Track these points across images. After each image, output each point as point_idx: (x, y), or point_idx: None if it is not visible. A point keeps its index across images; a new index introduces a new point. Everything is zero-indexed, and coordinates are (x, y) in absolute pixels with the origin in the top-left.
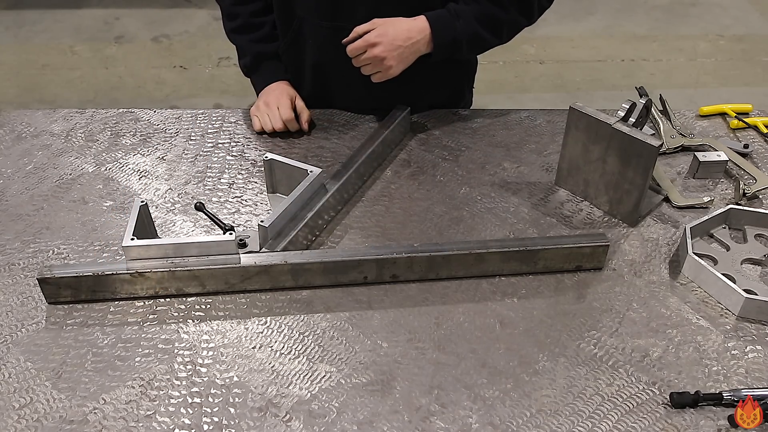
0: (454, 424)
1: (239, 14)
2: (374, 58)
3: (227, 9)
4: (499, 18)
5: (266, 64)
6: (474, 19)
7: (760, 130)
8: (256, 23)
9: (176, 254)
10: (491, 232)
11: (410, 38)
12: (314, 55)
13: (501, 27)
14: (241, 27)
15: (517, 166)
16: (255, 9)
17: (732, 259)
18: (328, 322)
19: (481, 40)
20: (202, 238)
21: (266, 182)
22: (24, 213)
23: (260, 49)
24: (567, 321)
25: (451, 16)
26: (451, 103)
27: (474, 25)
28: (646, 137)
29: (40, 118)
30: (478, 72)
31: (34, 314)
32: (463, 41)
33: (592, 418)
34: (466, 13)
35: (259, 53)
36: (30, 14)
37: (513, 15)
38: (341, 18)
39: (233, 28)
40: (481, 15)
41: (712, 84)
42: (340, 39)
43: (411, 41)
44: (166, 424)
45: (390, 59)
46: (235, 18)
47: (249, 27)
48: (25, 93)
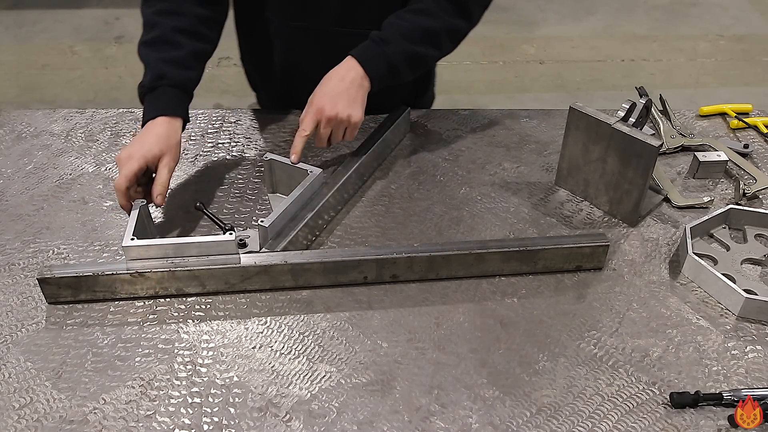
0: (454, 424)
1: (157, 25)
2: (329, 121)
3: (148, 18)
4: (432, 28)
5: (165, 91)
6: (404, 39)
7: (760, 130)
8: (174, 41)
9: (176, 254)
10: (491, 232)
11: (344, 79)
12: (282, 57)
13: (437, 37)
14: (154, 41)
15: (517, 166)
16: (180, 25)
17: (732, 259)
18: (328, 322)
19: (421, 57)
20: (202, 238)
21: (266, 182)
22: (24, 213)
23: (166, 71)
24: (567, 321)
25: (377, 45)
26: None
27: (405, 45)
28: (646, 137)
29: (40, 118)
30: (478, 72)
31: (34, 314)
32: (399, 66)
33: (592, 418)
34: (393, 36)
35: (163, 74)
36: (30, 14)
37: (447, 21)
38: (309, 17)
39: (145, 40)
40: (410, 32)
41: (712, 84)
42: (309, 38)
43: (347, 81)
44: (166, 424)
45: (342, 111)
46: (151, 28)
47: (164, 42)
48: (25, 93)
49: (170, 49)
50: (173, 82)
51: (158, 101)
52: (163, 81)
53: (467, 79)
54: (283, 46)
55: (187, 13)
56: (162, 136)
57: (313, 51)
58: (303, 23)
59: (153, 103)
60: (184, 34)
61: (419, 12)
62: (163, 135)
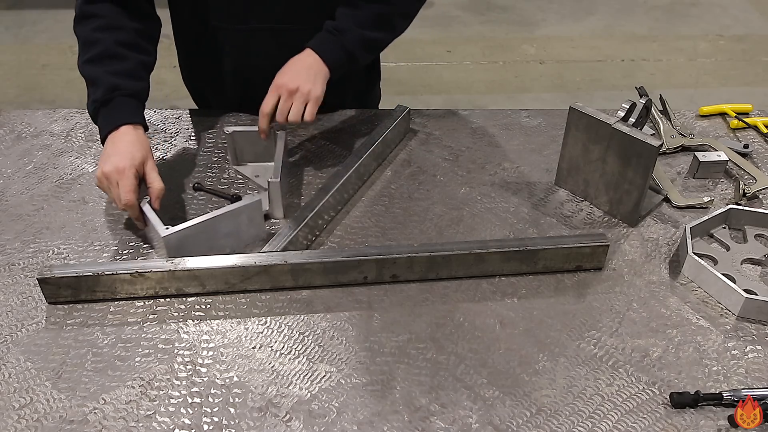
0: (454, 424)
1: (98, 41)
2: (290, 94)
3: (86, 36)
4: (386, 13)
5: (121, 101)
6: (358, 28)
7: (760, 130)
8: (119, 54)
9: (210, 229)
10: (491, 232)
11: (305, 62)
12: (234, 63)
13: (391, 21)
14: (99, 56)
15: (517, 166)
16: (121, 39)
17: (732, 259)
18: (328, 322)
19: (376, 41)
20: (231, 206)
21: (230, 155)
22: (24, 213)
23: (118, 82)
24: (567, 321)
25: (333, 35)
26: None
27: (360, 33)
28: (646, 137)
29: (40, 118)
30: (478, 72)
31: (34, 314)
32: (355, 52)
33: (592, 418)
34: (347, 25)
35: (116, 86)
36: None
37: (401, 5)
38: (255, 18)
39: (89, 58)
40: (365, 20)
41: (712, 84)
42: (258, 40)
43: (307, 64)
44: (166, 424)
45: (303, 85)
46: (92, 45)
47: (110, 57)
48: (25, 93)
49: (117, 63)
50: (128, 93)
51: (116, 112)
52: (117, 92)
53: (467, 79)
54: (234, 52)
55: (126, 28)
56: (136, 143)
57: (265, 52)
58: (250, 25)
59: (111, 114)
60: (127, 47)
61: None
62: (136, 141)
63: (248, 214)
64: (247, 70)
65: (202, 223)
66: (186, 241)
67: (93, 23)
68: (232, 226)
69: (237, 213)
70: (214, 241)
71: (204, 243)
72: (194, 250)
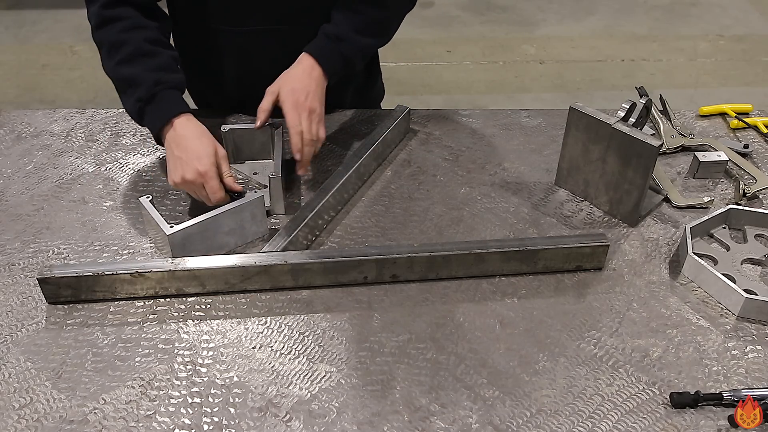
0: (454, 424)
1: (127, 42)
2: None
3: (112, 39)
4: (384, 19)
5: (166, 94)
6: (357, 33)
7: (760, 130)
8: (150, 51)
9: (214, 227)
10: (491, 232)
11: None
12: (233, 64)
13: (386, 27)
14: (133, 55)
15: (517, 166)
16: (149, 37)
17: (732, 259)
18: (328, 322)
19: (371, 48)
20: (233, 203)
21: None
22: (24, 213)
23: (159, 77)
24: (567, 321)
25: (332, 42)
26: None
27: (358, 39)
28: (646, 137)
29: (40, 118)
30: (478, 72)
31: (34, 314)
32: (353, 59)
33: (592, 418)
34: (346, 31)
35: (158, 80)
36: (30, 14)
37: (397, 9)
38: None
39: (120, 59)
40: (363, 26)
41: (712, 84)
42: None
43: (312, 77)
44: (166, 424)
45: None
46: (121, 47)
47: (143, 54)
48: (25, 93)
49: (152, 59)
50: (170, 85)
51: (165, 105)
52: (160, 86)
53: (467, 79)
54: (234, 53)
55: (150, 26)
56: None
57: (263, 53)
58: (249, 27)
59: (160, 108)
60: (156, 44)
61: (371, 3)
62: (201, 134)
63: (251, 210)
64: (247, 71)
65: (205, 221)
66: (190, 239)
67: (118, 26)
68: (235, 222)
69: (239, 210)
70: (217, 238)
71: (207, 240)
72: (198, 247)
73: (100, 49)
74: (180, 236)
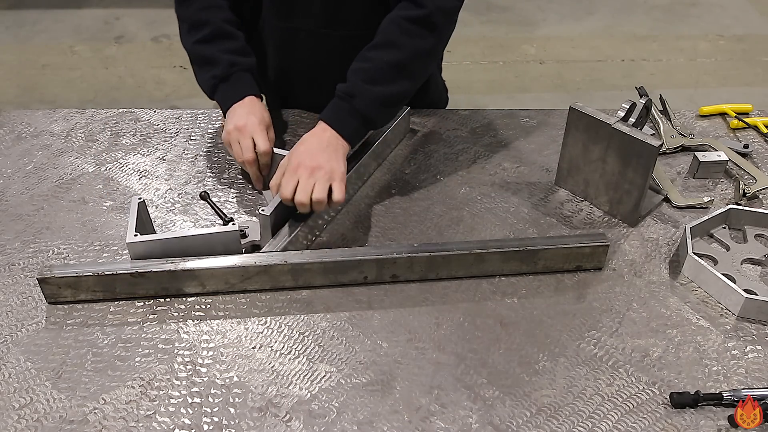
0: (454, 424)
1: (208, 22)
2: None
3: (193, 17)
4: (398, 61)
5: (240, 75)
6: (370, 85)
7: (760, 130)
8: (228, 32)
9: (179, 247)
10: (491, 232)
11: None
12: (276, 59)
13: (405, 69)
14: (211, 35)
15: (517, 166)
16: (227, 17)
17: (732, 259)
18: (328, 322)
19: (393, 96)
20: (204, 229)
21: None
22: (24, 213)
23: (234, 60)
24: (567, 321)
25: (344, 102)
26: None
27: (373, 91)
28: (646, 137)
29: (40, 118)
30: (478, 72)
31: (34, 314)
32: (372, 115)
33: (592, 418)
34: (358, 86)
35: (233, 62)
36: (30, 14)
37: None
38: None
39: (200, 38)
40: (376, 74)
41: (712, 84)
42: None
43: (324, 141)
44: (166, 424)
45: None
46: (202, 27)
47: (221, 35)
48: (25, 93)
49: (229, 41)
50: (245, 68)
51: (239, 85)
52: (236, 68)
53: (467, 79)
54: (276, 47)
55: (224, 6)
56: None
57: (303, 52)
58: (292, 24)
59: (234, 88)
60: (233, 25)
61: (382, 46)
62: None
63: (223, 242)
64: (287, 68)
65: (171, 239)
66: (153, 252)
67: (197, 3)
68: (205, 248)
69: (209, 238)
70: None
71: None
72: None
73: (180, 24)
74: (141, 247)
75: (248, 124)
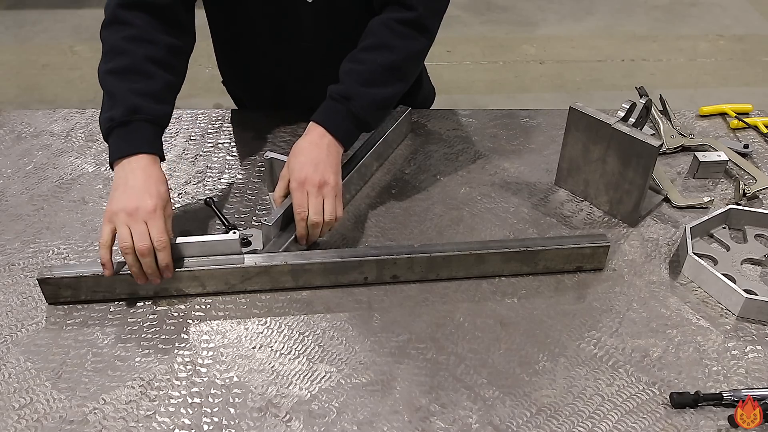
0: (454, 424)
1: (126, 52)
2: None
3: (114, 43)
4: (392, 63)
5: (139, 126)
6: (365, 87)
7: (760, 130)
8: (146, 70)
9: (180, 254)
10: (491, 232)
11: (319, 146)
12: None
13: (399, 70)
14: (125, 69)
15: (517, 166)
16: (152, 55)
17: (732, 259)
18: (328, 322)
19: (387, 98)
20: (205, 237)
21: (266, 181)
22: (24, 213)
23: (140, 104)
24: (567, 321)
25: (339, 104)
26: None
27: (368, 93)
28: (646, 137)
29: (40, 118)
30: (478, 72)
31: (34, 314)
32: (366, 117)
33: (592, 418)
34: (353, 88)
35: (137, 108)
36: (30, 14)
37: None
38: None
39: (112, 69)
40: (370, 76)
41: (712, 84)
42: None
43: (322, 148)
44: (166, 424)
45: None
46: (117, 56)
47: (136, 72)
48: (25, 93)
49: (143, 80)
50: (149, 117)
51: (134, 137)
52: (138, 115)
53: (467, 79)
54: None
55: (159, 42)
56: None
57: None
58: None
59: (128, 138)
60: (156, 64)
61: (375, 48)
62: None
63: (222, 249)
64: (281, 75)
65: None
66: None
67: (124, 31)
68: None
69: (210, 245)
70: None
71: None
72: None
73: (102, 46)
74: None
75: (140, 208)
